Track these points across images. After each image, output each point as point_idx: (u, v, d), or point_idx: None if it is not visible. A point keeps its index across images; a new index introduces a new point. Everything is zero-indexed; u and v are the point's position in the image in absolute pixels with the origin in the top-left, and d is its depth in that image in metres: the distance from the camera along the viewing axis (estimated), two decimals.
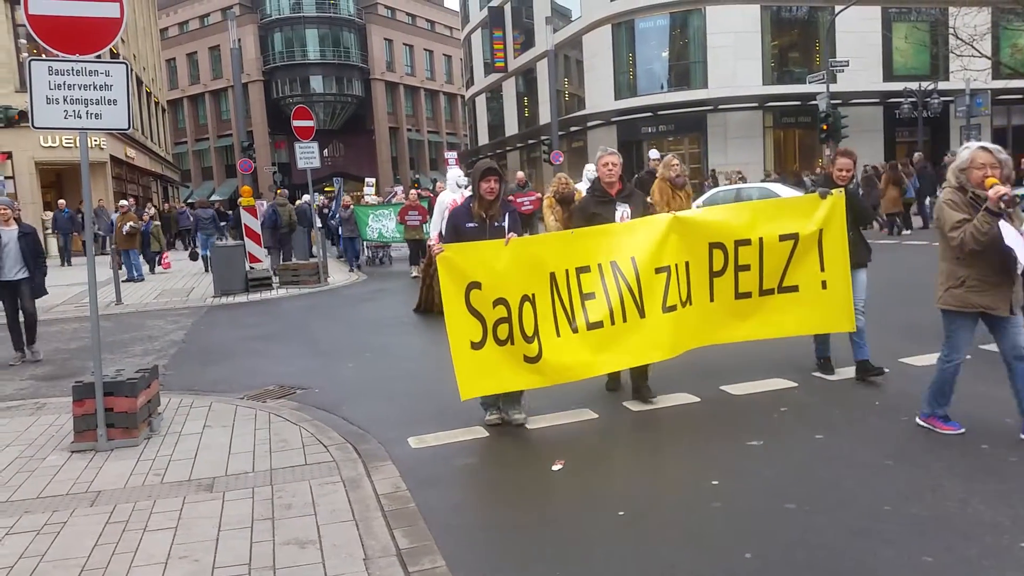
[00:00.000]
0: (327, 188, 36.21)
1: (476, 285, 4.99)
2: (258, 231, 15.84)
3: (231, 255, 14.42)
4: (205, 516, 4.04)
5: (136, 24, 35.97)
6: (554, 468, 4.59)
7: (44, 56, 5.30)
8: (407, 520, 3.88)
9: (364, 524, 3.83)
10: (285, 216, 17.05)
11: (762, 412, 5.37)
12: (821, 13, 30.94)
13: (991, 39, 26.43)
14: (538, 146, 36.82)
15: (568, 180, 9.80)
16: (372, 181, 26.04)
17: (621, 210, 5.59)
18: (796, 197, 6.86)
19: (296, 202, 20.94)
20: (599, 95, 33.22)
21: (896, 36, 31.54)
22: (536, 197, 14.65)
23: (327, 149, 52.04)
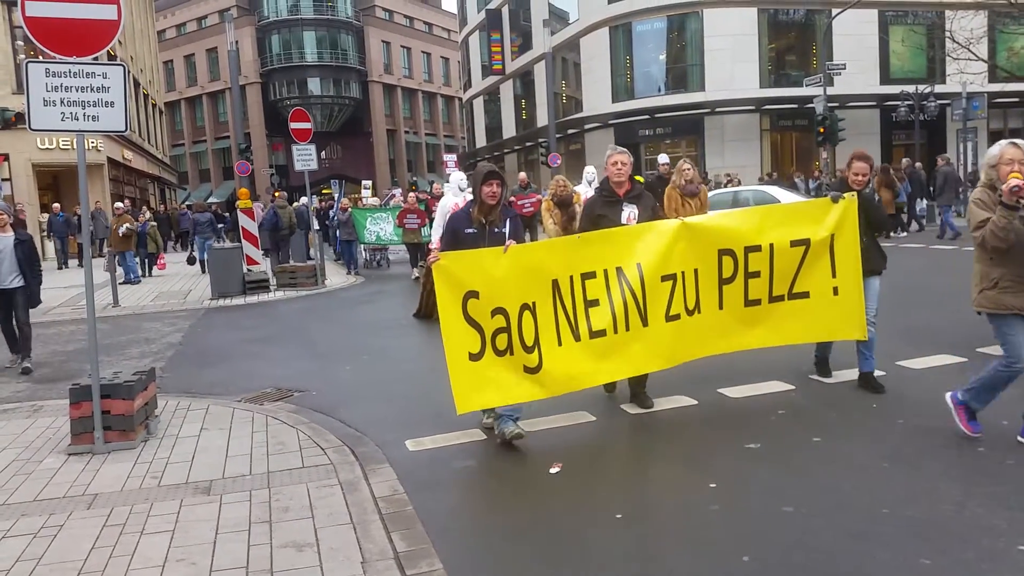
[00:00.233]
0: (325, 190, 36.25)
1: (473, 294, 4.80)
2: (255, 233, 15.84)
3: (228, 257, 14.41)
4: (202, 519, 4.04)
5: (133, 26, 35.97)
6: (552, 471, 4.59)
7: (41, 58, 5.30)
8: (405, 523, 3.88)
9: (362, 527, 3.83)
10: (286, 218, 17.06)
11: (760, 415, 5.38)
12: (818, 16, 30.99)
13: (987, 42, 26.49)
14: (535, 148, 36.81)
15: (566, 183, 9.79)
16: (368, 183, 26.07)
17: (628, 211, 5.44)
18: (808, 201, 6.68)
19: (294, 204, 20.94)
20: (596, 98, 33.24)
21: (893, 39, 31.61)
22: (537, 199, 14.57)
23: (325, 151, 51.97)
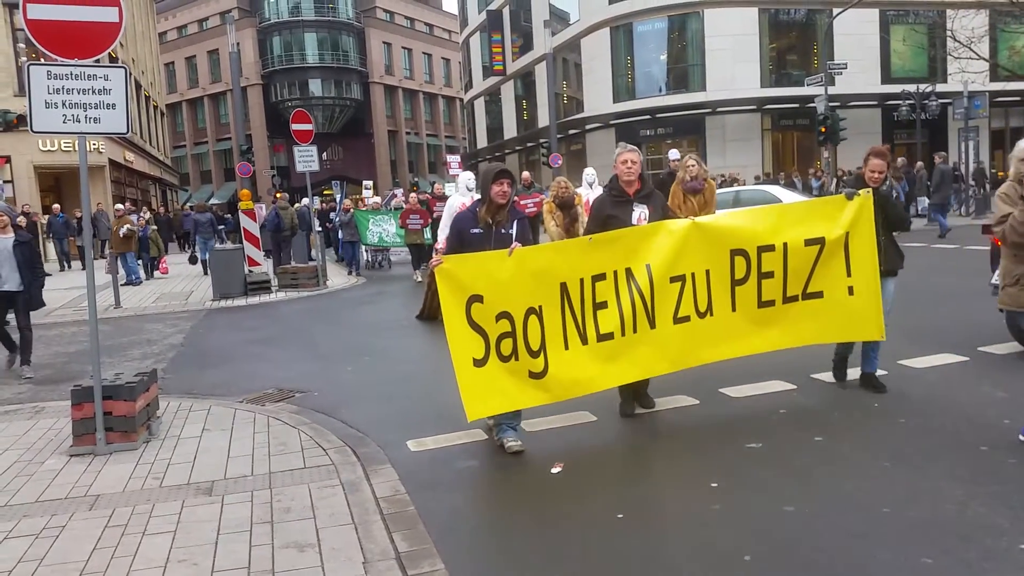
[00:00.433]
0: (326, 191, 36.27)
1: (478, 298, 4.67)
2: (257, 234, 15.86)
3: (230, 259, 14.43)
4: (204, 520, 4.04)
5: (135, 28, 36.02)
6: (553, 471, 4.59)
7: (43, 60, 5.30)
8: (406, 523, 3.88)
9: (363, 528, 3.83)
10: (287, 219, 17.07)
11: (761, 414, 5.38)
12: (819, 16, 30.98)
13: (989, 41, 26.47)
14: (537, 149, 36.84)
15: (567, 184, 9.78)
16: (370, 184, 26.13)
17: (639, 211, 5.26)
18: (822, 199, 6.48)
19: (295, 205, 20.96)
20: (597, 98, 33.25)
21: (894, 38, 31.60)
22: (541, 199, 14.48)
23: (326, 152, 51.95)
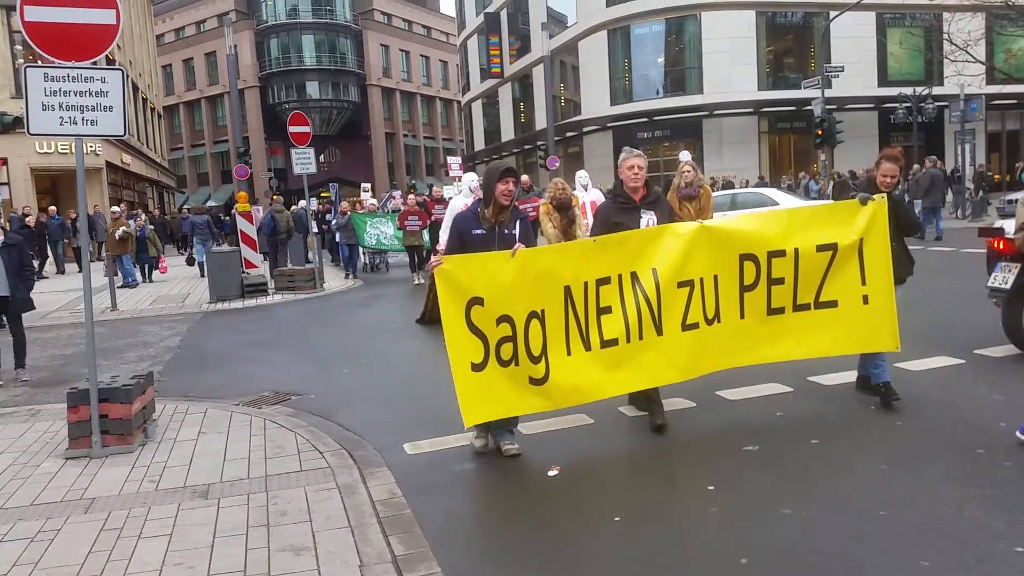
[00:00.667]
0: (323, 193, 36.31)
1: (478, 301, 4.54)
2: (254, 237, 15.85)
3: (227, 261, 14.42)
4: (200, 523, 4.03)
5: (132, 30, 36.00)
6: (550, 474, 4.58)
7: (40, 62, 5.30)
8: (403, 527, 3.87)
9: (360, 531, 3.82)
10: (283, 222, 17.05)
11: (758, 417, 5.38)
12: (816, 19, 31.11)
13: (985, 44, 26.58)
14: (534, 151, 36.90)
15: (565, 186, 9.77)
16: (368, 186, 26.17)
17: (647, 218, 5.13)
18: (834, 203, 6.31)
19: (292, 207, 20.94)
20: (595, 101, 33.32)
21: (891, 41, 31.73)
22: (539, 203, 14.45)
23: (323, 155, 52.07)
